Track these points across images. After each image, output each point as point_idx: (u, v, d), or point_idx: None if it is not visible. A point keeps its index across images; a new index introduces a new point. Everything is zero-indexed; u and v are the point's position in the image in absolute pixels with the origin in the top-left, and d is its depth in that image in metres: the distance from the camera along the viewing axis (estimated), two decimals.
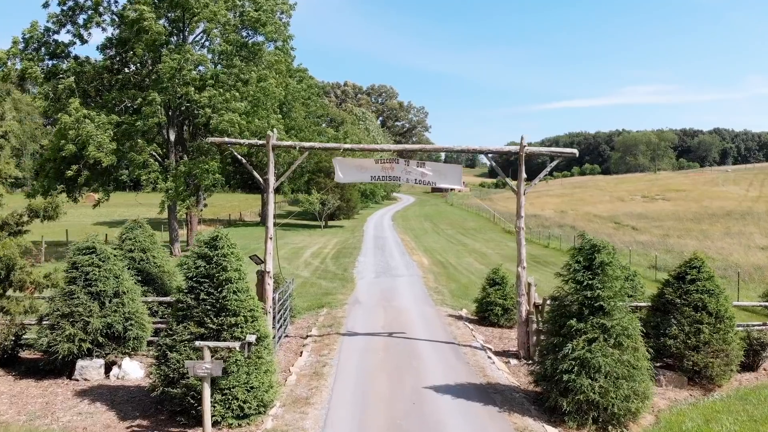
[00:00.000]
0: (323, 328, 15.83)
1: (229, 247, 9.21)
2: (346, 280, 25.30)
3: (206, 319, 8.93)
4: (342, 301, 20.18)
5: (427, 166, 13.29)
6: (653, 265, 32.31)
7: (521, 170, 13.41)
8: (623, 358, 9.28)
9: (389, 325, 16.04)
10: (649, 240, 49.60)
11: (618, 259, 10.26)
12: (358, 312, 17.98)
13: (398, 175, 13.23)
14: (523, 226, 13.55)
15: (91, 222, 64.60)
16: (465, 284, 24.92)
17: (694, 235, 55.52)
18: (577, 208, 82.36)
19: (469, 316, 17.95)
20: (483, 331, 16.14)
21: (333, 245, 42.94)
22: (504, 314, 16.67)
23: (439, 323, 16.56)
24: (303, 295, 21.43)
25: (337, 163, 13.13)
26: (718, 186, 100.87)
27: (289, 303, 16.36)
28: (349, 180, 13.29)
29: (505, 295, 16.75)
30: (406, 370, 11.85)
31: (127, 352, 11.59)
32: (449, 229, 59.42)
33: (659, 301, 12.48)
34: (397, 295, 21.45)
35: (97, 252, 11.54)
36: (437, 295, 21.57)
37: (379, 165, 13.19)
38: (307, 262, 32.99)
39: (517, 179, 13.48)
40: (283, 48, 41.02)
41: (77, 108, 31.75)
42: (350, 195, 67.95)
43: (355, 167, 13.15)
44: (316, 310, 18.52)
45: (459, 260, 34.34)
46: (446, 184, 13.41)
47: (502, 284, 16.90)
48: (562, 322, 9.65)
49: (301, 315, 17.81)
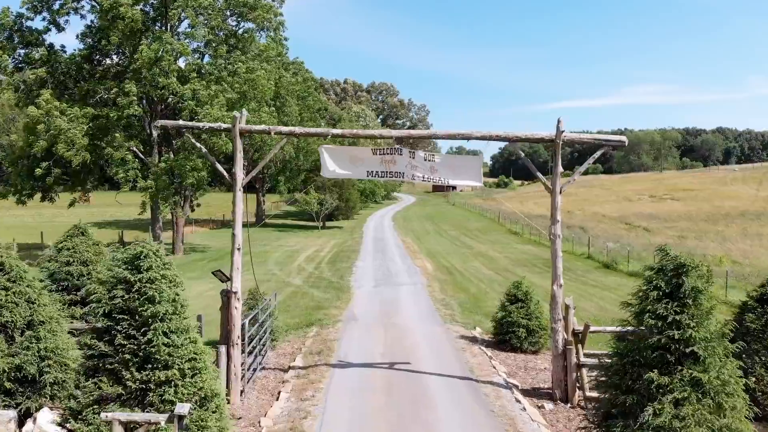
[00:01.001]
0: (310, 356, 13.00)
1: (160, 267, 6.38)
2: (341, 290, 22.50)
3: (125, 373, 6.15)
4: (335, 316, 17.38)
5: (437, 159, 10.50)
6: None
7: (557, 162, 10.62)
8: (722, 425, 6.51)
9: (391, 352, 13.24)
10: (665, 242, 46.64)
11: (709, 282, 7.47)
12: (353, 332, 15.17)
13: (401, 170, 10.44)
14: (560, 234, 10.77)
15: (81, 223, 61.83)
16: (475, 295, 22.11)
17: (711, 236, 52.81)
18: (584, 208, 79.62)
19: (484, 337, 15.15)
20: (504, 358, 13.32)
21: (330, 248, 40.13)
22: (528, 336, 13.86)
23: (450, 348, 13.74)
24: (291, 309, 18.63)
25: (324, 152, 10.35)
26: (727, 185, 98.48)
27: (270, 324, 13.57)
28: (339, 174, 10.48)
29: (530, 314, 13.95)
30: (413, 427, 9.03)
31: (43, 402, 8.79)
32: (452, 231, 56.60)
33: (737, 331, 9.68)
34: (399, 309, 18.66)
35: (5, 270, 8.75)
36: (445, 309, 18.77)
37: (378, 157, 10.40)
38: (301, 267, 30.19)
39: (552, 174, 10.69)
40: (275, 36, 38.29)
41: (48, 100, 28.98)
42: (349, 195, 65.16)
43: (347, 158, 10.34)
44: (304, 330, 15.71)
45: (465, 265, 31.53)
46: (462, 180, 10.64)
47: (526, 301, 14.08)
48: (636, 373, 6.85)
49: (286, 336, 15.00)
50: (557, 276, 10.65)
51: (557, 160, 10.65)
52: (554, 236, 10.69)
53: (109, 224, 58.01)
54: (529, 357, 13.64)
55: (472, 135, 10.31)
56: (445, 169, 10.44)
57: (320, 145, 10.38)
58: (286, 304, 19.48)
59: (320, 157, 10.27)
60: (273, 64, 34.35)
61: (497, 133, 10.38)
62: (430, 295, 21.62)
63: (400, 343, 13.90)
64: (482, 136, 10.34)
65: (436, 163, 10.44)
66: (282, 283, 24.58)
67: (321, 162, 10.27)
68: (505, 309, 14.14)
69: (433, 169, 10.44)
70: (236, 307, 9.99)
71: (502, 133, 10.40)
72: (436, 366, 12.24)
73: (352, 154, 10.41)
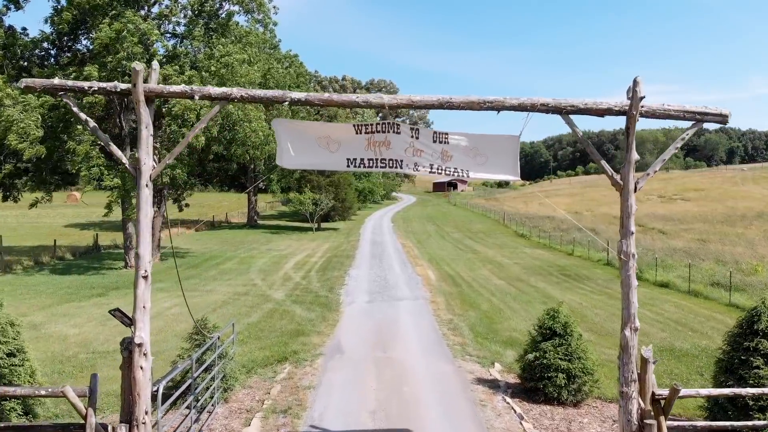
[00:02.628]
0: (273, 416, 9.44)
1: None
2: (329, 307, 18.97)
3: None
4: (316, 347, 13.84)
5: (453, 138, 6.95)
6: (716, 282, 25.95)
7: (631, 145, 7.10)
8: None
9: (384, 410, 9.70)
10: (686, 246, 43.24)
11: None
12: (336, 374, 11.63)
13: (399, 156, 6.92)
14: (635, 251, 7.20)
15: (65, 223, 58.40)
16: (487, 313, 18.58)
17: (732, 239, 49.39)
18: (592, 208, 76.22)
19: (507, 380, 11.62)
20: (537, 416, 9.80)
21: (323, 253, 36.61)
22: (569, 384, 10.34)
23: (464, 402, 10.20)
24: (264, 335, 15.10)
25: (281, 129, 6.76)
26: (738, 185, 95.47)
27: (219, 369, 10.03)
28: (305, 163, 6.88)
29: (570, 354, 10.42)
30: None
31: None
32: (455, 233, 53.05)
33: None
34: (397, 335, 15.12)
35: None
36: (454, 335, 15.22)
37: (363, 137, 6.87)
38: (287, 276, 26.67)
39: (624, 162, 7.16)
40: (264, 21, 34.72)
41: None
42: (346, 194, 61.61)
43: (315, 139, 6.78)
44: (274, 368, 12.16)
45: (473, 273, 28.00)
46: (489, 172, 7.06)
47: (566, 336, 10.55)
48: None
49: (249, 377, 11.47)
50: (630, 316, 7.10)
51: (631, 141, 7.12)
52: (626, 255, 7.13)
53: (95, 225, 54.53)
54: (570, 412, 10.12)
55: (505, 103, 6.75)
56: (464, 154, 6.89)
57: (274, 119, 6.83)
58: (258, 327, 15.95)
59: (276, 138, 6.75)
60: (256, 49, 30.72)
61: (543, 100, 6.83)
62: (435, 314, 18.09)
63: (397, 394, 10.35)
64: (520, 104, 6.79)
65: (451, 146, 6.89)
66: (261, 297, 21.07)
67: (277, 144, 6.75)
68: (538, 347, 10.59)
69: (446, 155, 6.88)
70: (142, 367, 6.45)
71: (550, 101, 6.85)
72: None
73: (324, 133, 6.83)
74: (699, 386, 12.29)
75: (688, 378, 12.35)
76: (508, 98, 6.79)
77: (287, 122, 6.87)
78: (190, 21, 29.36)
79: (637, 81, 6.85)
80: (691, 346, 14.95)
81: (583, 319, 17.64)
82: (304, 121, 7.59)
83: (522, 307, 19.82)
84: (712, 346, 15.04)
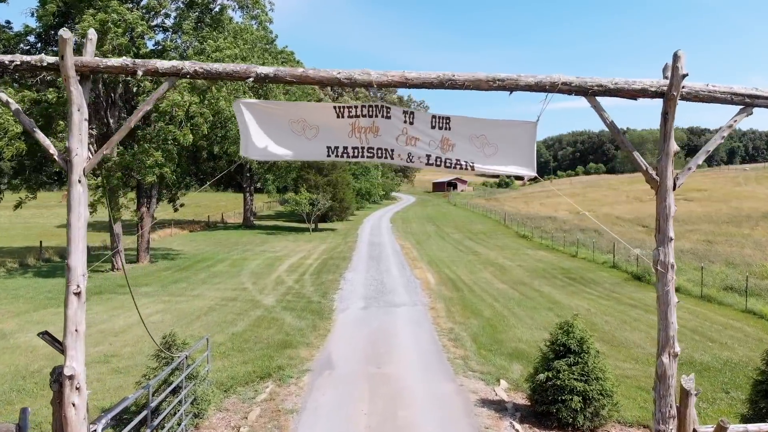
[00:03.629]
0: None
1: None
2: (321, 315, 17.77)
3: None
4: (304, 361, 12.63)
5: (455, 124, 5.76)
6: (729, 286, 24.74)
7: (669, 133, 5.91)
8: None
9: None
10: (693, 248, 42.06)
11: None
12: (323, 396, 10.41)
13: (389, 145, 5.71)
14: (673, 262, 5.99)
15: (58, 224, 57.17)
16: (490, 321, 17.38)
17: (739, 240, 48.27)
18: (595, 209, 75.08)
19: (515, 400, 10.42)
20: None
21: (318, 254, 35.39)
22: (585, 407, 9.14)
23: (468, 430, 8.98)
24: (248, 347, 13.90)
25: (246, 112, 5.47)
26: (741, 185, 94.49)
27: (188, 392, 8.82)
28: (276, 153, 5.58)
29: (587, 374, 9.22)
30: None
31: None
32: (455, 233, 51.83)
33: None
34: (393, 347, 13.91)
35: None
36: (455, 347, 14.02)
37: (346, 121, 5.65)
38: (279, 280, 25.46)
39: (660, 155, 5.96)
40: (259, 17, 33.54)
41: None
42: (343, 194, 60.36)
43: (288, 123, 5.57)
44: (255, 386, 10.95)
45: (474, 276, 26.79)
46: (499, 164, 5.82)
47: (581, 353, 9.34)
48: None
49: (226, 398, 10.26)
50: (669, 339, 5.88)
51: (670, 128, 5.94)
52: (664, 266, 5.91)
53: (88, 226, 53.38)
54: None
55: (519, 81, 5.55)
56: (469, 143, 5.67)
57: (237, 99, 5.60)
58: (243, 338, 14.75)
59: (238, 122, 5.51)
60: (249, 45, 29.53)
61: (566, 78, 5.62)
62: (434, 322, 16.89)
63: (391, 421, 9.14)
64: (537, 83, 5.59)
65: (454, 133, 5.68)
66: (250, 302, 19.87)
67: (240, 131, 5.51)
68: (550, 366, 9.38)
69: (447, 144, 5.66)
70: (74, 404, 5.25)
71: (574, 79, 5.63)
72: None
73: (298, 116, 5.59)
74: (726, 405, 11.15)
75: (713, 397, 11.18)
76: (523, 76, 5.60)
77: (253, 103, 5.64)
78: (180, 14, 28.22)
79: (678, 55, 5.67)
80: (712, 359, 13.75)
81: (593, 328, 16.44)
82: (273, 101, 6.41)
83: (527, 313, 18.63)
84: (734, 359, 13.87)
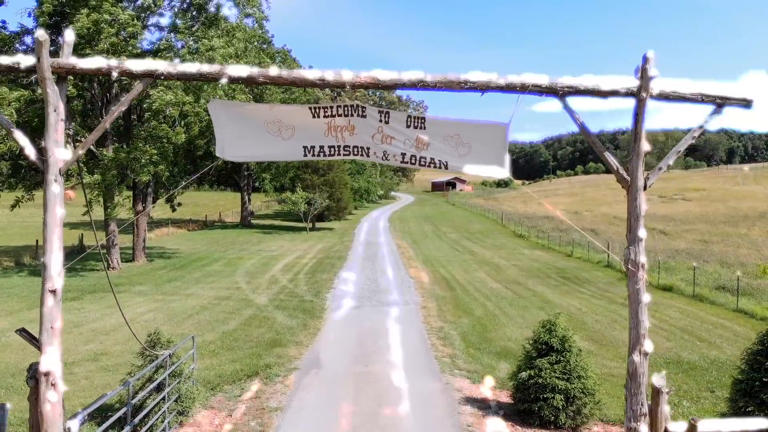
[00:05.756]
0: None
1: None
2: (313, 313, 17.85)
3: None
4: (292, 359, 12.71)
5: (430, 123, 5.83)
6: (721, 286, 24.82)
7: (640, 133, 5.97)
8: None
9: None
10: (688, 248, 42.16)
11: None
12: (309, 395, 10.48)
13: (365, 143, 5.79)
14: (644, 261, 6.04)
15: None
16: (481, 320, 17.46)
17: (735, 240, 48.33)
18: (592, 208, 75.11)
19: (499, 399, 10.50)
20: None
21: (314, 254, 35.49)
22: (567, 406, 9.22)
23: (451, 429, 9.05)
24: (237, 345, 13.98)
25: (220, 112, 5.57)
26: (739, 185, 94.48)
27: (172, 390, 8.90)
28: (252, 154, 5.78)
29: (569, 372, 9.30)
30: None
31: None
32: (452, 233, 51.92)
33: None
34: (382, 346, 13.98)
35: None
36: (443, 346, 14.09)
37: (322, 121, 5.73)
38: (274, 279, 25.54)
39: (631, 155, 6.02)
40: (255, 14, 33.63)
41: None
42: (341, 194, 60.41)
43: (263, 124, 5.64)
44: (242, 384, 11.03)
45: (468, 276, 26.88)
46: (473, 163, 5.90)
47: (564, 352, 9.41)
48: None
49: (212, 396, 10.34)
50: (639, 337, 5.95)
51: (641, 128, 5.99)
52: (635, 265, 5.98)
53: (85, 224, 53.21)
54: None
55: (490, 83, 5.63)
56: (444, 143, 5.76)
57: (210, 101, 5.66)
58: (233, 336, 14.83)
59: (213, 123, 5.60)
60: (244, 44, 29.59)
61: (536, 79, 5.69)
62: (425, 321, 16.97)
63: (374, 419, 9.22)
64: (508, 84, 5.66)
65: (429, 132, 5.76)
66: (243, 301, 19.95)
67: (215, 132, 5.60)
68: (533, 365, 9.45)
69: (422, 143, 5.75)
70: (50, 402, 5.32)
71: (544, 80, 5.71)
72: None
73: (274, 117, 5.67)
74: (710, 404, 11.21)
75: (698, 395, 11.25)
76: (494, 77, 5.66)
77: (228, 104, 5.77)
78: (176, 13, 28.28)
79: (647, 57, 5.74)
80: (699, 358, 13.84)
81: (583, 327, 16.54)
82: (248, 103, 6.53)
83: (518, 313, 18.71)
84: (721, 357, 13.95)
